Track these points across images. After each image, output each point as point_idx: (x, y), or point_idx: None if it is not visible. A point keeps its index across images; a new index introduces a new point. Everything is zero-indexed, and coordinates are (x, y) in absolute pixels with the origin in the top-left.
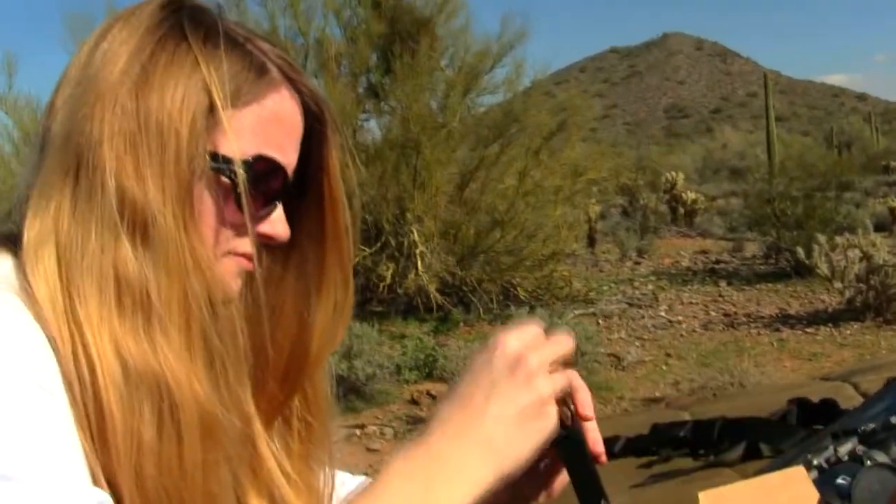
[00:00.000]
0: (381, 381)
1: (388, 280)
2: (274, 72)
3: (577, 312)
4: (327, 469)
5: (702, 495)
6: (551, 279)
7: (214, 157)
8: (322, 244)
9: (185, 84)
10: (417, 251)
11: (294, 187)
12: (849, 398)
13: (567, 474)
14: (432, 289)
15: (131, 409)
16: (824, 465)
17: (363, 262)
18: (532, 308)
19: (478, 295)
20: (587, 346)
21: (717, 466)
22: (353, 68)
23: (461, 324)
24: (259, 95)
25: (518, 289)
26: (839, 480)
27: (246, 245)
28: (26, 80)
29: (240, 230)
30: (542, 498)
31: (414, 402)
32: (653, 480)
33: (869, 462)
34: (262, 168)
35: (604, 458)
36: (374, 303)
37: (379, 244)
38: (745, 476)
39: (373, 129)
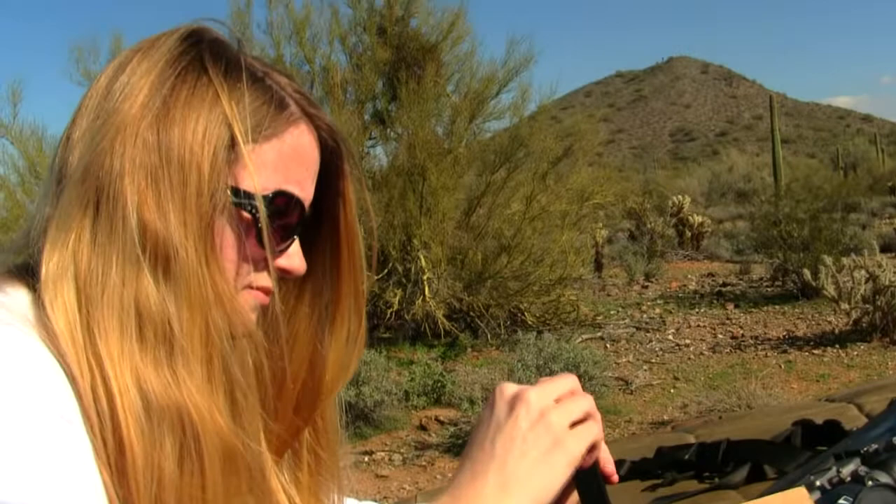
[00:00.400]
0: (389, 407)
1: (396, 306)
2: (293, 106)
3: (584, 337)
4: (335, 500)
5: None
6: (559, 304)
7: (236, 191)
8: (337, 276)
9: (207, 118)
10: (425, 277)
11: (310, 221)
12: (853, 419)
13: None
14: (440, 314)
15: (152, 443)
16: (827, 485)
17: (370, 289)
18: (540, 333)
19: (485, 320)
20: (595, 370)
21: (721, 489)
22: (359, 95)
23: (469, 349)
24: (279, 130)
25: (526, 314)
26: (841, 501)
27: (264, 279)
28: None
29: (258, 264)
30: None
31: (422, 427)
32: (657, 503)
33: (871, 482)
34: (281, 203)
35: (615, 477)
36: (381, 329)
37: (386, 270)
38: (750, 498)
39: (379, 155)
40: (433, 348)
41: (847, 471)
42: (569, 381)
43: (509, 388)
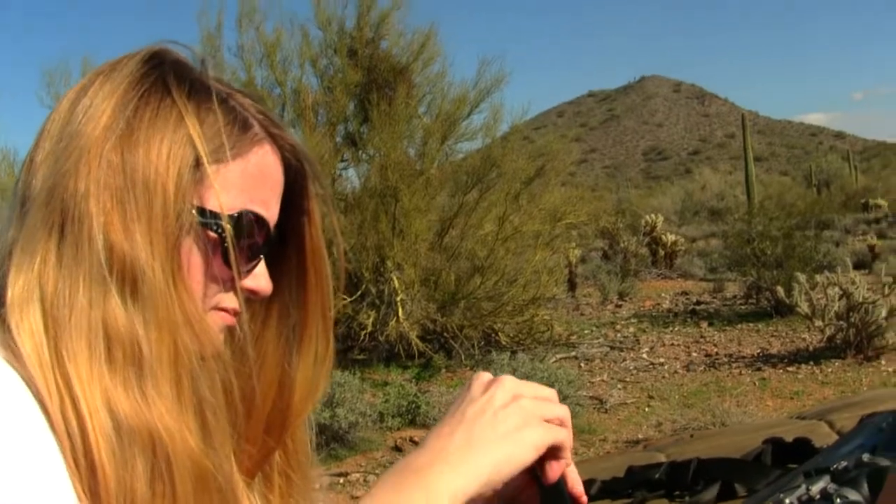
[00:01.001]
0: (363, 428)
1: (370, 328)
2: (257, 127)
3: (558, 356)
4: None
5: None
6: (532, 324)
7: (202, 211)
8: (303, 296)
9: (171, 138)
10: (398, 298)
11: (276, 241)
12: (824, 436)
13: None
14: (413, 336)
15: (124, 464)
16: (796, 503)
17: (344, 311)
18: (514, 353)
19: (459, 341)
20: (569, 389)
21: None
22: (331, 117)
23: (443, 370)
24: (243, 150)
25: (500, 334)
26: None
27: (230, 300)
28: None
29: (225, 285)
30: None
31: (397, 448)
32: None
33: (840, 500)
34: (247, 223)
35: (584, 498)
36: (355, 351)
37: (359, 292)
38: None
39: (351, 177)
40: (407, 369)
41: (816, 488)
42: (548, 390)
43: (487, 375)
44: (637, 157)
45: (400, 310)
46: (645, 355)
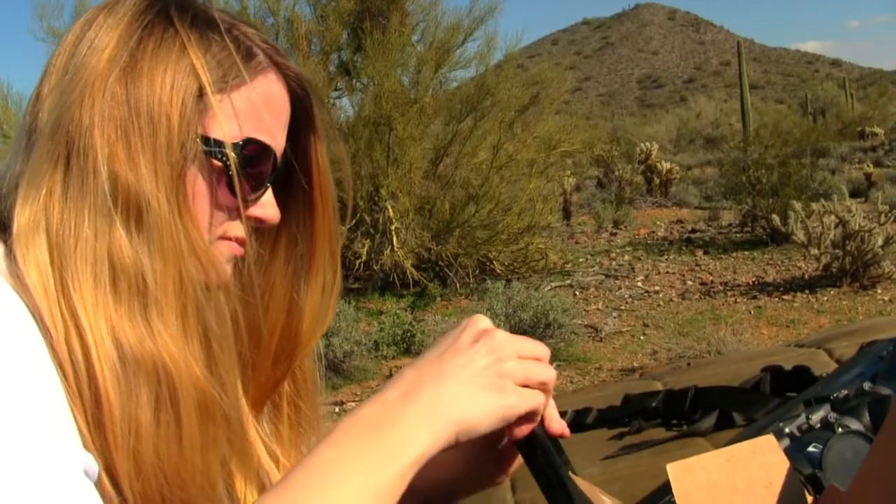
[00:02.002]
0: (359, 357)
1: (365, 257)
2: (261, 56)
3: (553, 285)
4: None
5: (670, 467)
6: (527, 252)
7: (206, 140)
8: (311, 225)
9: (174, 69)
10: (393, 227)
11: (282, 170)
12: (823, 365)
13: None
14: (408, 265)
15: (128, 394)
16: (796, 433)
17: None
18: (508, 281)
19: (454, 270)
20: (564, 318)
21: (689, 436)
22: (324, 46)
23: (438, 299)
24: (248, 79)
25: (494, 262)
26: (811, 448)
27: (237, 229)
28: None
29: (231, 214)
30: (499, 478)
31: (392, 377)
32: (624, 452)
33: (841, 429)
34: (252, 151)
35: (567, 431)
36: (350, 280)
37: (354, 221)
38: (718, 446)
39: (345, 106)
40: (402, 298)
41: (817, 417)
42: (540, 349)
43: (482, 322)
44: (632, 85)
45: (395, 239)
46: (640, 283)
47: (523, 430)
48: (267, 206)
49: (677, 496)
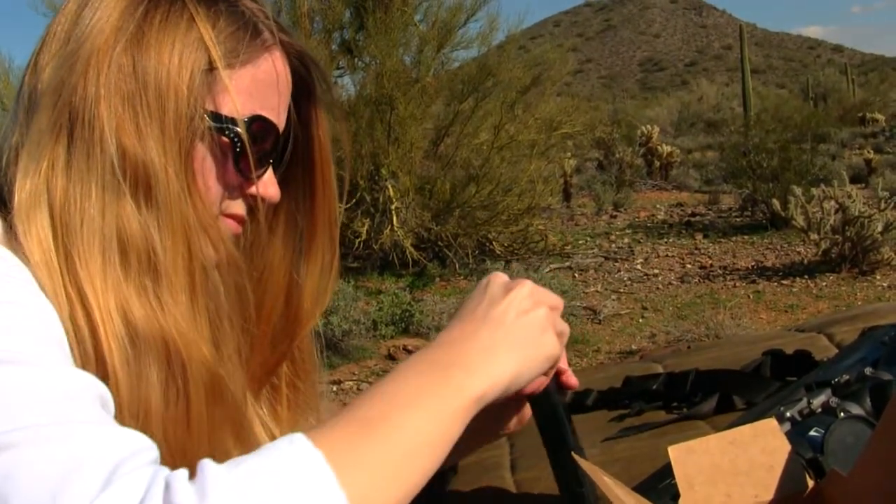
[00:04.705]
0: (357, 336)
1: (364, 236)
2: (266, 33)
3: (553, 266)
4: None
5: (671, 449)
6: (527, 233)
7: (215, 116)
8: (311, 204)
9: (183, 42)
10: (393, 207)
11: (283, 148)
12: (823, 349)
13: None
14: (408, 244)
15: (138, 374)
16: (797, 417)
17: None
18: (508, 262)
19: (453, 250)
20: (563, 299)
21: (690, 419)
22: (326, 25)
23: (437, 279)
24: (254, 56)
25: (494, 243)
26: (812, 433)
27: (238, 206)
28: None
29: (232, 192)
30: (513, 423)
31: (391, 357)
32: (624, 433)
33: (842, 414)
34: (257, 129)
35: (575, 381)
36: (349, 259)
37: (354, 200)
38: (719, 429)
39: (347, 85)
40: (401, 278)
41: (818, 402)
42: (558, 299)
43: (504, 276)
44: (633, 67)
45: (394, 218)
46: (639, 266)
47: (541, 382)
48: (268, 185)
49: (679, 478)
